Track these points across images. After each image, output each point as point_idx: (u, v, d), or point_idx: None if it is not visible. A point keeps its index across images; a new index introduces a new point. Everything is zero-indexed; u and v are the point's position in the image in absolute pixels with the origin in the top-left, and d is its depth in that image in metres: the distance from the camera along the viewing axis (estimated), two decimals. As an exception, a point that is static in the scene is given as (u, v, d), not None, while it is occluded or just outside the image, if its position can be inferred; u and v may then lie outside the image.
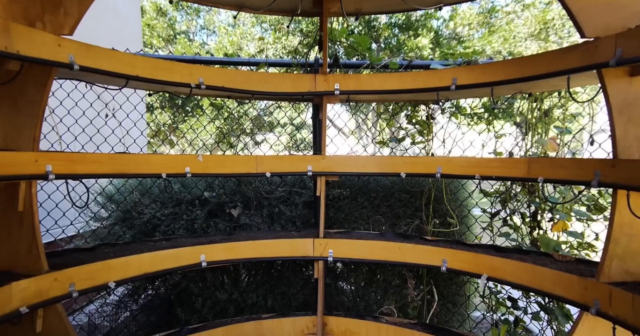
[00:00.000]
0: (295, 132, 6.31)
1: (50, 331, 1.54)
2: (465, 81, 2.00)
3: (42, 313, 1.52)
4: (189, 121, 6.25)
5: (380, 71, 2.63)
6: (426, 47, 7.65)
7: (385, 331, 2.16)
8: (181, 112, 8.13)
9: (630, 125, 1.47)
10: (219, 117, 5.08)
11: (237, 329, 2.17)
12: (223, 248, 2.14)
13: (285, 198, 2.85)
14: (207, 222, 2.71)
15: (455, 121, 2.71)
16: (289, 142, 5.76)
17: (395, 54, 6.43)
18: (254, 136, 5.21)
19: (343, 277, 2.96)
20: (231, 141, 3.91)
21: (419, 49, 7.46)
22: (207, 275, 2.70)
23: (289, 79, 2.24)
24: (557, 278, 1.63)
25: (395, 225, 2.77)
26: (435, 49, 8.18)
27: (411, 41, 7.34)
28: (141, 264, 1.89)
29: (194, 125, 5.31)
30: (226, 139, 3.87)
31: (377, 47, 6.73)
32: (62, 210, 2.73)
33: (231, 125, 4.48)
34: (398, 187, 2.81)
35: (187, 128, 5.92)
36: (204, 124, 5.48)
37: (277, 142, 4.72)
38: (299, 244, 2.27)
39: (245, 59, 2.85)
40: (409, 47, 7.40)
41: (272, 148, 3.91)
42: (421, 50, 7.52)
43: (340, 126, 5.62)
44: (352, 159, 2.32)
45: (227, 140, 4.81)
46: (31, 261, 1.52)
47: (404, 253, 2.15)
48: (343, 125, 5.76)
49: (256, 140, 5.45)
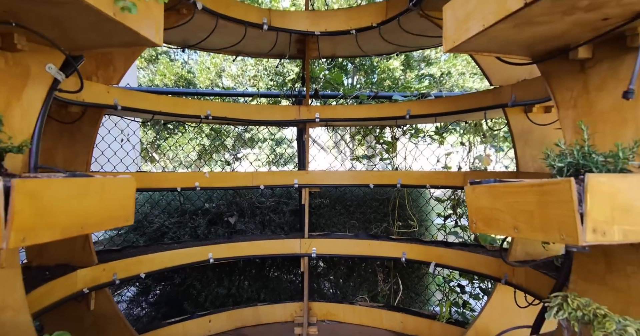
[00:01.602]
0: (276, 147, 6.73)
1: (100, 309, 2.00)
2: (416, 112, 2.58)
3: (95, 295, 1.98)
4: (172, 138, 6.40)
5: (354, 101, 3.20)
6: (397, 69, 8.35)
7: (358, 311, 2.68)
8: (163, 130, 8.43)
9: (526, 147, 2.07)
10: (201, 135, 5.24)
11: (238, 313, 2.65)
12: (227, 247, 2.63)
13: (274, 207, 3.36)
14: (208, 229, 3.19)
15: (414, 141, 3.30)
16: (269, 157, 6.19)
17: (369, 75, 7.05)
18: (236, 152, 5.57)
19: (324, 275, 3.46)
20: (213, 157, 4.32)
21: (390, 71, 8.15)
22: (208, 274, 3.16)
23: (279, 110, 2.78)
24: (483, 261, 2.19)
25: (367, 228, 3.31)
26: (405, 71, 8.91)
27: (383, 63, 8.03)
28: (162, 260, 2.36)
29: (177, 142, 5.59)
30: (207, 155, 4.25)
31: (353, 69, 7.37)
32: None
33: (213, 142, 4.80)
34: (369, 196, 3.37)
35: (169, 145, 6.00)
36: (184, 143, 5.67)
37: (257, 158, 5.20)
38: (288, 244, 2.77)
39: (241, 91, 3.38)
40: (382, 69, 8.09)
41: (252, 164, 4.36)
42: (392, 72, 8.21)
43: (321, 144, 6.17)
44: (331, 174, 2.86)
45: (208, 156, 5.24)
46: (85, 256, 1.98)
47: (372, 249, 2.69)
48: (323, 144, 6.30)
49: (237, 157, 5.87)
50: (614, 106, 1.02)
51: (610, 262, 1.06)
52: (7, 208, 0.64)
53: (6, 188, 0.64)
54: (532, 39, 1.07)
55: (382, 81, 7.41)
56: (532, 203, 0.81)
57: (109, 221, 0.91)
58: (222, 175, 2.73)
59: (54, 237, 0.75)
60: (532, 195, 0.80)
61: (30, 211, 0.68)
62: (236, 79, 9.23)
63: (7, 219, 0.64)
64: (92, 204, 0.85)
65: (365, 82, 7.61)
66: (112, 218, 0.92)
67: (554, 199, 0.75)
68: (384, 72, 8.69)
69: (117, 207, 0.93)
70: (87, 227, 0.85)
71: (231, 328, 2.61)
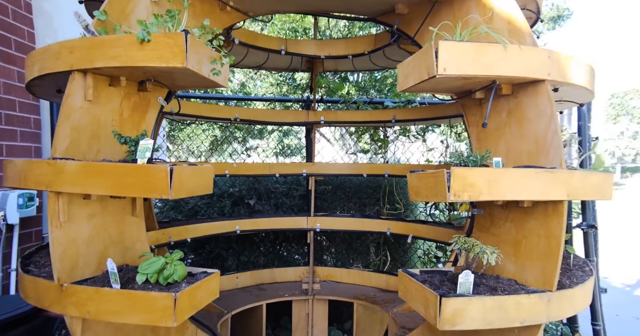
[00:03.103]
0: (283, 137, 7.37)
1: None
2: (400, 117, 3.26)
3: (157, 252, 2.72)
4: (185, 129, 6.97)
5: (352, 106, 3.90)
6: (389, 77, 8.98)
7: (352, 274, 3.41)
8: (178, 123, 9.01)
9: (478, 147, 2.75)
10: (213, 126, 5.81)
11: (259, 273, 3.40)
12: (249, 222, 3.36)
13: (286, 192, 4.08)
14: (232, 209, 3.93)
15: (402, 140, 3.99)
16: (277, 146, 6.84)
17: (371, 78, 7.73)
18: (246, 142, 6.19)
19: (326, 249, 4.20)
20: (224, 148, 4.96)
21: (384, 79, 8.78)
22: (233, 245, 3.91)
23: (291, 114, 3.48)
24: (447, 233, 2.90)
25: (363, 210, 4.03)
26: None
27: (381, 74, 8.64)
28: (202, 230, 3.10)
29: (193, 132, 6.25)
30: (220, 146, 4.92)
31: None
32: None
33: (224, 133, 5.45)
34: (365, 184, 4.08)
35: (184, 136, 6.55)
36: (198, 133, 6.29)
37: (264, 150, 5.89)
38: (298, 220, 3.49)
39: (259, 97, 4.09)
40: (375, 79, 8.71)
41: (259, 156, 5.01)
42: (383, 81, 8.85)
43: (328, 137, 6.88)
44: (332, 165, 3.57)
45: (221, 147, 5.91)
46: (149, 223, 2.71)
47: (365, 225, 3.40)
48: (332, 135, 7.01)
49: (247, 147, 6.54)
50: (494, 127, 1.72)
51: (492, 219, 1.77)
52: (171, 179, 1.36)
53: (170, 169, 1.36)
54: (448, 87, 1.76)
55: (378, 88, 8.07)
56: (432, 182, 1.50)
57: (202, 189, 1.62)
58: (245, 165, 3.45)
59: (184, 196, 1.47)
60: (432, 178, 1.50)
61: (178, 181, 1.39)
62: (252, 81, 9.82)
63: (171, 185, 1.36)
64: (196, 179, 1.55)
65: (363, 89, 8.24)
66: (204, 187, 1.62)
67: (439, 179, 1.44)
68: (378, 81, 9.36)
69: (206, 182, 1.64)
70: (195, 192, 1.56)
71: (253, 284, 3.36)
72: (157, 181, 1.38)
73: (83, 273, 1.59)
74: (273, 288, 3.33)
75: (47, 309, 1.55)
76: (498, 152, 1.74)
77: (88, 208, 1.61)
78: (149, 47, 1.42)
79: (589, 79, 1.72)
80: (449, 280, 1.64)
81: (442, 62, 1.43)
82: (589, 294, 1.73)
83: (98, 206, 1.66)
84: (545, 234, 1.56)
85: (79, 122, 1.54)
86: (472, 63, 1.46)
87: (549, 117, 1.54)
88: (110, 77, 1.62)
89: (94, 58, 1.46)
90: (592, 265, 1.94)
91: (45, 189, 1.47)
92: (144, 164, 1.44)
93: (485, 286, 1.59)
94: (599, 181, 1.60)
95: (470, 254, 1.59)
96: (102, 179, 1.41)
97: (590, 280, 1.74)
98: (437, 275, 1.72)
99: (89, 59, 1.48)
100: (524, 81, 1.58)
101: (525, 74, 1.52)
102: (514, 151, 1.69)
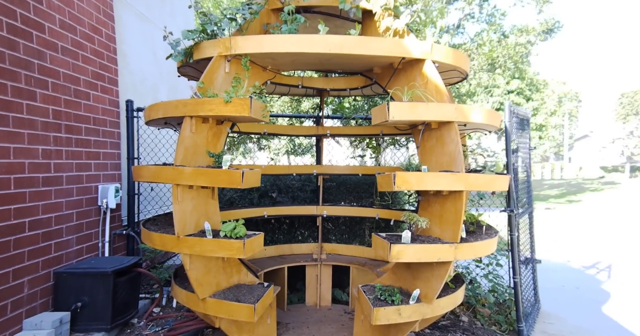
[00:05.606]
0: (295, 138, 8.47)
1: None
2: (386, 132, 4.40)
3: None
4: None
5: (349, 122, 5.04)
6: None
7: (351, 248, 4.58)
8: None
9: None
10: None
11: (281, 247, 4.59)
12: (274, 209, 4.53)
13: (301, 187, 5.25)
14: (259, 200, 5.11)
15: (391, 147, 5.13)
16: (287, 146, 7.95)
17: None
18: (260, 142, 7.30)
19: (332, 232, 5.35)
20: (239, 147, 6.14)
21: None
22: (260, 228, 5.08)
23: (305, 128, 4.65)
24: (417, 216, 4.03)
25: (359, 202, 5.18)
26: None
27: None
28: (240, 214, 4.27)
29: None
30: (236, 146, 6.14)
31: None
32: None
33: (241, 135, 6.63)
34: (362, 182, 5.22)
35: None
36: None
37: (278, 146, 7.04)
38: (309, 209, 4.65)
39: (282, 114, 5.25)
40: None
41: (270, 154, 6.17)
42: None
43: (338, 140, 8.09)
44: (336, 167, 4.72)
45: (236, 147, 7.05)
46: (207, 208, 3.90)
47: (360, 212, 4.55)
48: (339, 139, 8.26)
49: (260, 146, 7.69)
50: (429, 147, 2.87)
51: (429, 202, 2.92)
52: (242, 177, 2.53)
53: (242, 172, 2.53)
54: (400, 125, 2.90)
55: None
56: (386, 179, 2.65)
57: (255, 183, 2.78)
58: (271, 167, 4.62)
59: (248, 186, 2.65)
60: (387, 177, 2.64)
61: (245, 178, 2.56)
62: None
63: (243, 180, 2.53)
64: (253, 177, 2.72)
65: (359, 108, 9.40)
66: (256, 182, 2.78)
67: (390, 177, 2.59)
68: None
69: (257, 179, 2.80)
70: (253, 185, 2.73)
71: (277, 255, 4.55)
72: (235, 178, 2.56)
73: (188, 231, 2.78)
74: (291, 258, 4.51)
75: (170, 250, 2.74)
76: (431, 162, 2.88)
77: (191, 193, 2.81)
78: (230, 104, 2.60)
79: (488, 118, 2.85)
80: (399, 238, 2.79)
81: (391, 114, 2.58)
82: (488, 247, 2.86)
83: (195, 192, 2.85)
84: (454, 210, 2.70)
85: (187, 144, 2.73)
86: (409, 113, 2.61)
87: (456, 143, 2.68)
88: (204, 118, 2.81)
89: (199, 110, 2.65)
90: (504, 236, 3.08)
91: (171, 183, 2.66)
92: (227, 169, 2.62)
93: (420, 240, 2.74)
94: (487, 179, 2.74)
95: (412, 222, 2.74)
96: (205, 177, 2.60)
97: (489, 239, 2.87)
98: (394, 236, 2.87)
99: (195, 110, 2.66)
100: (441, 121, 2.73)
101: (441, 118, 2.67)
102: (440, 162, 2.83)
